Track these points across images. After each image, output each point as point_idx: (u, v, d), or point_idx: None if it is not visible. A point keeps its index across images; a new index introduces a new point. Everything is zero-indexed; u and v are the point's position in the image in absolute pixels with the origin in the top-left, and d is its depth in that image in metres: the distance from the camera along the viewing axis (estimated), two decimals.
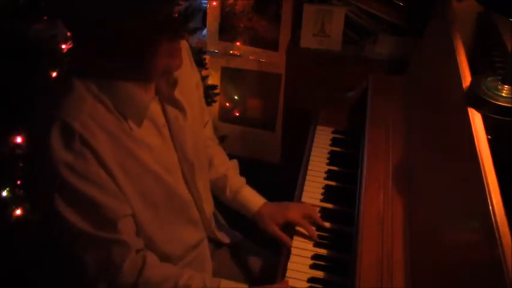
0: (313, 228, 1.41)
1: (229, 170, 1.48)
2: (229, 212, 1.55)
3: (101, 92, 1.05)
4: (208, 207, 1.39)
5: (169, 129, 1.20)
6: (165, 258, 1.24)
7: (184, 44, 1.23)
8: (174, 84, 1.17)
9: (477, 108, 1.11)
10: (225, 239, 1.50)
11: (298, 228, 1.42)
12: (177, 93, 1.18)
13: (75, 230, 1.05)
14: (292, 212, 1.42)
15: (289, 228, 1.42)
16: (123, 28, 0.97)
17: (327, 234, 1.42)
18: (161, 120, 1.18)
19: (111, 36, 0.98)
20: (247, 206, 1.43)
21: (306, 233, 1.40)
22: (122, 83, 1.06)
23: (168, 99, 1.19)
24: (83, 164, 1.02)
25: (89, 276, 1.11)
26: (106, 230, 1.08)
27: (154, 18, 0.99)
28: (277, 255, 1.40)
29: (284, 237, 1.39)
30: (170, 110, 1.19)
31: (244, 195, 1.44)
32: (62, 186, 1.02)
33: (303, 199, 1.53)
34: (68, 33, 1.08)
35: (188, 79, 1.27)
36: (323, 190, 1.56)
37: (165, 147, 1.19)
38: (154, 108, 1.16)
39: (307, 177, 1.60)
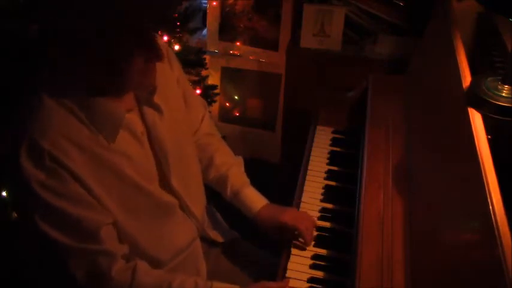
0: (307, 235, 1.37)
1: (231, 168, 1.45)
2: (229, 212, 1.54)
3: (74, 105, 1.05)
4: (197, 208, 1.37)
5: (148, 136, 1.20)
6: (155, 262, 1.24)
7: (163, 45, 1.22)
8: (153, 91, 1.17)
9: (477, 108, 1.10)
10: (219, 238, 1.49)
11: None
12: (156, 98, 1.18)
13: (58, 245, 1.06)
14: (286, 216, 1.38)
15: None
16: (110, 41, 0.97)
17: (327, 234, 1.42)
18: (140, 128, 1.17)
19: (99, 47, 0.97)
20: (246, 208, 1.42)
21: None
22: (94, 96, 1.06)
23: (146, 102, 1.19)
24: (56, 181, 1.03)
25: (77, 281, 1.12)
26: (88, 242, 1.09)
27: (142, 35, 1.00)
28: (276, 255, 1.40)
29: (285, 236, 1.38)
30: (148, 112, 1.19)
31: (243, 196, 1.42)
32: (38, 205, 1.03)
33: (303, 199, 1.52)
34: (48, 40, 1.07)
35: (167, 79, 1.26)
36: (323, 190, 1.56)
37: (144, 154, 1.19)
38: (132, 117, 1.16)
39: (307, 177, 1.60)
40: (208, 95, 2.31)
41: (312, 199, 1.53)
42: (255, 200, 1.42)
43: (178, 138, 1.27)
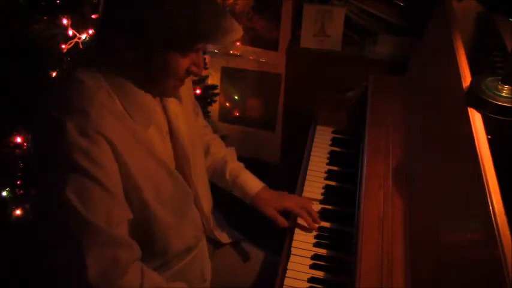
0: (310, 218, 1.40)
1: (228, 155, 1.49)
2: (230, 212, 1.55)
3: (111, 90, 1.06)
4: (207, 204, 1.39)
5: (170, 130, 1.21)
6: (164, 257, 1.24)
7: None
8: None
9: (477, 108, 1.10)
10: (224, 239, 1.50)
11: (298, 222, 1.42)
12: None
13: (83, 221, 0.99)
14: (289, 201, 1.43)
15: (289, 225, 1.42)
16: (170, 39, 1.00)
17: (327, 234, 1.42)
18: (164, 127, 1.20)
19: (154, 37, 1.00)
20: (246, 189, 1.44)
21: (306, 227, 1.41)
22: (132, 86, 1.08)
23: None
24: (98, 151, 1.01)
25: (87, 278, 1.00)
26: (116, 227, 1.03)
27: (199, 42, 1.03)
28: (277, 254, 1.40)
29: (280, 219, 1.40)
30: (171, 105, 1.21)
31: (243, 178, 1.45)
32: (75, 172, 0.99)
33: None
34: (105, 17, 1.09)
35: None
36: (323, 190, 1.56)
37: (167, 153, 1.21)
38: (160, 114, 1.18)
39: (307, 177, 1.60)
40: (208, 95, 2.31)
41: (312, 199, 1.53)
42: (254, 182, 1.46)
43: (192, 132, 1.30)
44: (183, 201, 1.26)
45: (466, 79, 1.20)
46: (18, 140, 1.56)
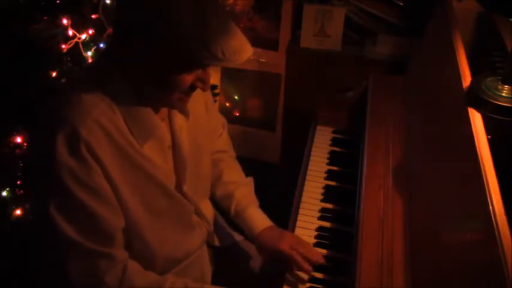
0: (301, 261, 1.30)
1: (239, 187, 1.43)
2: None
3: (114, 103, 1.05)
4: (210, 214, 1.38)
5: (173, 143, 1.20)
6: (162, 263, 1.23)
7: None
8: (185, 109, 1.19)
9: (477, 108, 1.11)
10: (224, 242, 1.49)
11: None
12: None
13: (65, 237, 1.04)
14: (284, 243, 1.32)
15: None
16: (179, 50, 0.97)
17: (327, 234, 1.42)
18: (167, 141, 1.18)
19: (163, 49, 0.98)
20: (247, 228, 1.39)
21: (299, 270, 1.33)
22: (135, 98, 1.07)
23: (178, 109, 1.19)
24: (86, 171, 1.02)
25: (70, 283, 1.10)
26: (98, 243, 1.07)
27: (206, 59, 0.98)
28: None
29: (277, 265, 1.35)
30: (177, 118, 1.20)
31: (246, 215, 1.39)
32: (61, 191, 1.02)
33: (303, 199, 1.52)
34: (117, 29, 1.09)
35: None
36: (323, 190, 1.56)
37: (167, 168, 1.20)
38: (163, 128, 1.16)
39: (307, 177, 1.60)
40: None
41: (312, 199, 1.53)
42: (258, 221, 1.38)
43: (197, 143, 1.28)
44: (183, 216, 1.26)
45: (466, 79, 1.20)
46: (18, 140, 1.56)
